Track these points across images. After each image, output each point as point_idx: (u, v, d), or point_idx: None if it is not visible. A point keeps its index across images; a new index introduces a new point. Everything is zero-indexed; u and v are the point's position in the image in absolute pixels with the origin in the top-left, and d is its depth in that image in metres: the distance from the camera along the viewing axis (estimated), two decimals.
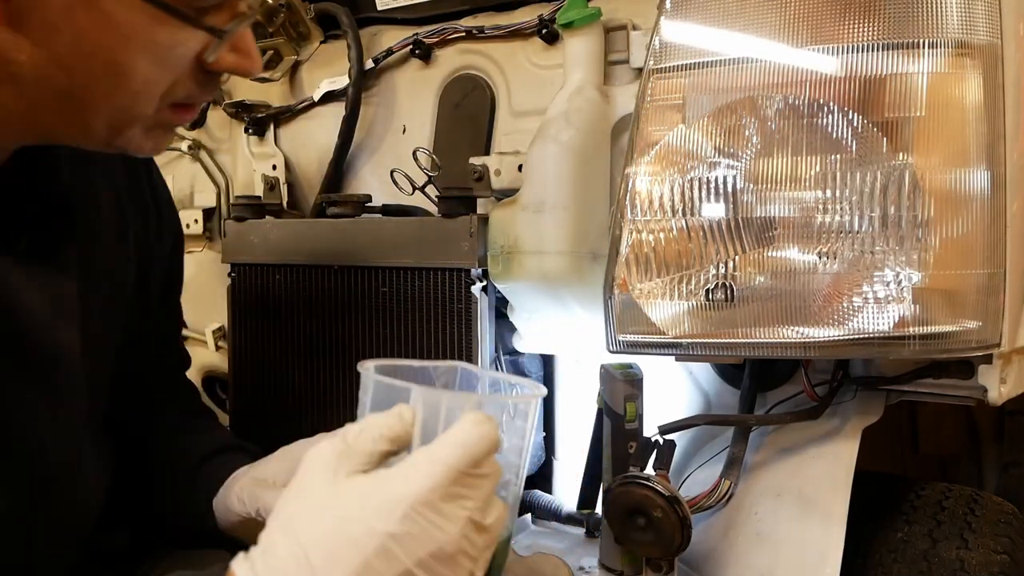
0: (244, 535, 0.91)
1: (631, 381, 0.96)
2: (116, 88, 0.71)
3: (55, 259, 0.83)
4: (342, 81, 1.28)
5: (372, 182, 1.29)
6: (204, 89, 0.78)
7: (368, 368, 0.67)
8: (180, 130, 1.43)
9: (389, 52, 1.26)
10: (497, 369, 1.11)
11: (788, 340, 0.85)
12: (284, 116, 1.37)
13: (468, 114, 1.21)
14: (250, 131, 1.38)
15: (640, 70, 1.04)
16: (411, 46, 1.25)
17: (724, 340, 0.87)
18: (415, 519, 0.57)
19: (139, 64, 0.71)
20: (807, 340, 0.85)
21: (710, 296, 0.87)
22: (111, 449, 0.95)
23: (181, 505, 0.97)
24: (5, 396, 0.77)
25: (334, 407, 1.17)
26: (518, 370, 1.17)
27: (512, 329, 1.14)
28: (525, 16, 1.18)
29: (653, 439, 0.96)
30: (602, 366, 0.99)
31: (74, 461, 0.86)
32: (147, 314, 1.00)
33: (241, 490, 0.91)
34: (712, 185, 0.86)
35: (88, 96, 0.71)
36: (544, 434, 1.19)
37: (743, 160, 0.85)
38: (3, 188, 0.78)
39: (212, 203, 1.45)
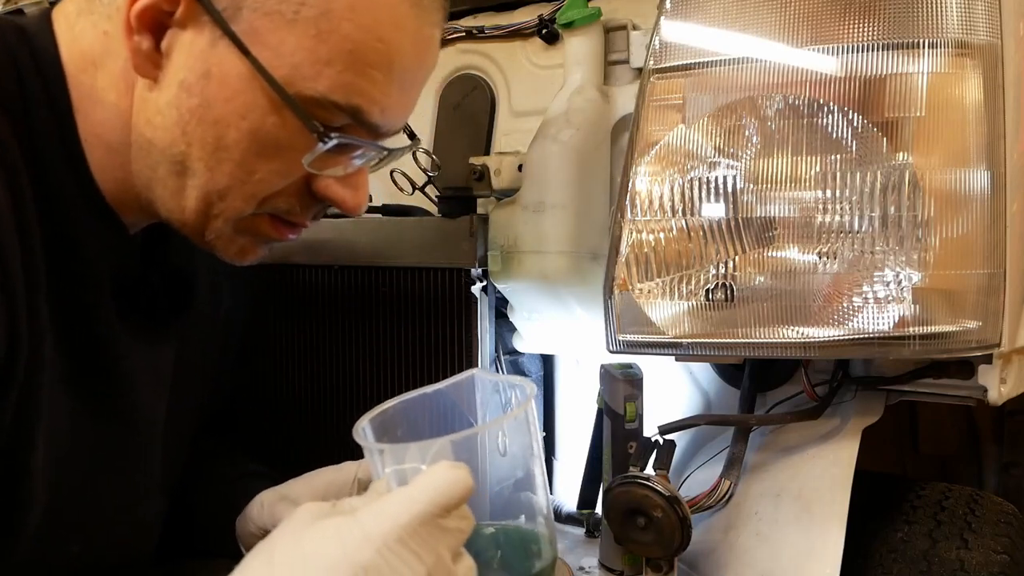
0: None
1: (631, 381, 0.96)
2: (219, 164, 0.74)
3: (159, 329, 0.86)
4: None
5: (372, 182, 1.29)
6: (305, 210, 0.80)
7: (361, 430, 0.68)
8: None
9: None
10: (497, 370, 1.11)
11: (788, 340, 0.85)
12: None
13: (468, 114, 1.21)
14: None
15: (640, 70, 1.04)
16: None
17: (724, 340, 0.87)
18: (386, 555, 0.57)
19: (245, 147, 0.73)
20: (807, 340, 0.85)
21: (710, 296, 0.87)
22: (167, 508, 0.97)
23: (206, 522, 0.98)
24: (97, 449, 0.81)
25: (333, 407, 1.17)
26: (518, 370, 1.17)
27: (512, 329, 1.13)
28: (525, 16, 1.17)
29: (653, 439, 0.96)
30: (602, 366, 0.99)
31: (140, 518, 0.89)
32: (219, 385, 1.03)
33: (263, 499, 0.92)
34: (712, 185, 0.86)
35: (194, 166, 0.74)
36: (544, 434, 1.19)
37: (743, 160, 0.85)
38: (132, 258, 0.82)
39: None
